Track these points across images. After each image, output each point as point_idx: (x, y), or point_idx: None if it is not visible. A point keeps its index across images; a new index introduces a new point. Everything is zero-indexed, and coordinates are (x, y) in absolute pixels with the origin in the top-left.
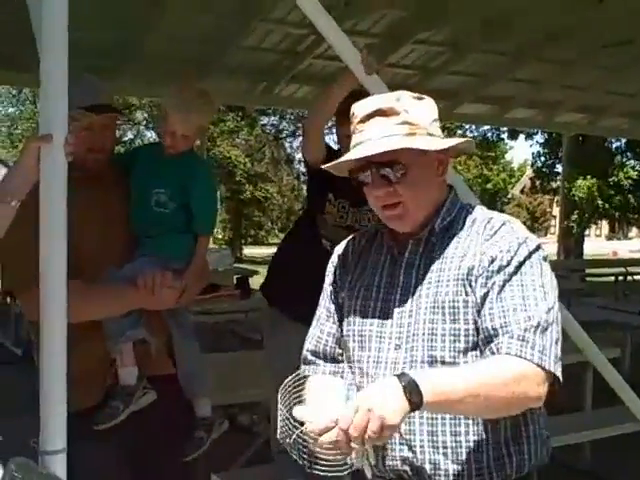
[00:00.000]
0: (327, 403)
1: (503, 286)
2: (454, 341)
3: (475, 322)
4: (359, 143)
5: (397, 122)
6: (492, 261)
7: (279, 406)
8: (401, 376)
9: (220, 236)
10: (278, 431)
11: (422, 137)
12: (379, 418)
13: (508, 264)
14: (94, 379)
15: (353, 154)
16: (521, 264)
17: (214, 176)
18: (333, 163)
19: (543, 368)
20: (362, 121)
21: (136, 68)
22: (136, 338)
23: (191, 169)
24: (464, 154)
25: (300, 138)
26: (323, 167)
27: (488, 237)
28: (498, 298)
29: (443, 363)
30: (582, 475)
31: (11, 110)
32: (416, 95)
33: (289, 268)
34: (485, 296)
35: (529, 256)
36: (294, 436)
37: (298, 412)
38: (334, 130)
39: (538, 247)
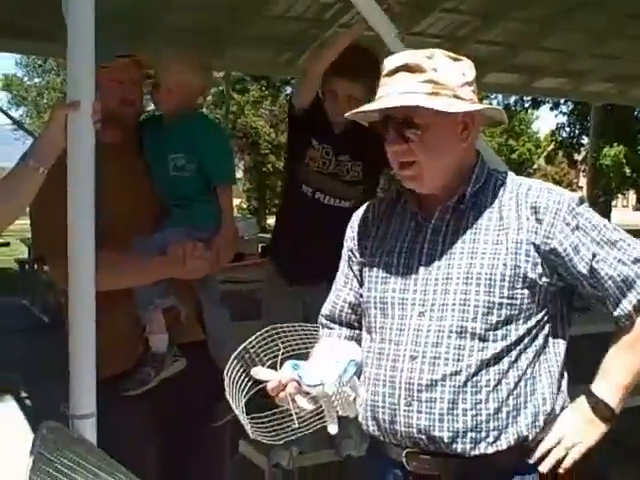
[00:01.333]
0: (320, 364)
1: (577, 247)
2: (487, 314)
3: (511, 297)
4: (380, 97)
5: (421, 80)
6: (551, 225)
7: (234, 405)
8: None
9: (245, 206)
10: (248, 431)
11: (445, 98)
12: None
13: (566, 222)
14: (125, 346)
15: (369, 106)
16: (577, 216)
17: (221, 128)
18: (353, 112)
19: None
20: (388, 75)
21: (159, 38)
22: (166, 306)
23: (194, 126)
24: (496, 124)
25: None
26: (346, 115)
27: (538, 208)
28: (580, 260)
29: (473, 335)
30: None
31: (37, 80)
32: (453, 56)
33: (278, 221)
34: (560, 262)
35: (579, 204)
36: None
37: (258, 372)
38: None
39: (582, 200)
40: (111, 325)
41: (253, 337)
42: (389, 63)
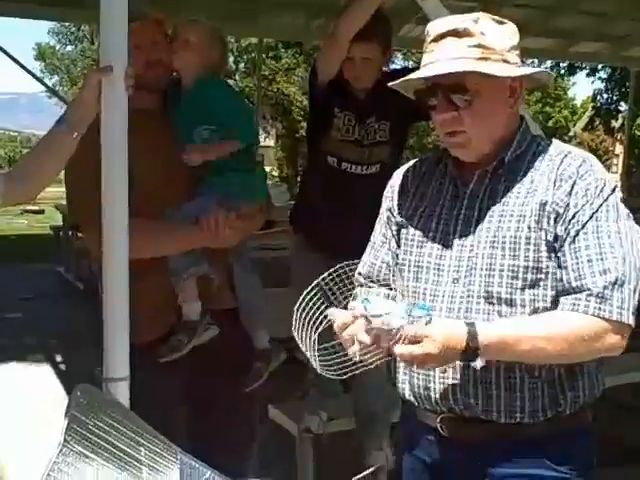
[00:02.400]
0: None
1: (577, 235)
2: (512, 278)
3: (536, 260)
4: (428, 63)
5: (470, 44)
6: (567, 204)
7: (301, 341)
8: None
9: (276, 173)
10: (317, 367)
11: (495, 63)
12: (429, 356)
13: (583, 209)
14: (159, 313)
15: (418, 74)
16: (596, 210)
17: (234, 91)
18: (399, 81)
19: (622, 322)
20: (434, 40)
21: (195, 5)
22: (199, 274)
23: (209, 94)
24: (541, 88)
25: None
26: (390, 84)
27: (564, 175)
28: (572, 248)
29: (499, 299)
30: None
31: (69, 48)
32: (497, 19)
33: (303, 192)
34: (559, 241)
35: (606, 200)
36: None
37: (333, 313)
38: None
39: (614, 189)
40: (144, 292)
41: (326, 273)
42: (434, 28)
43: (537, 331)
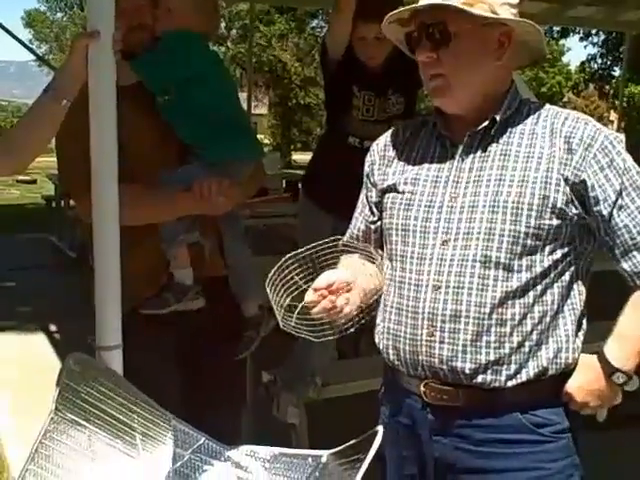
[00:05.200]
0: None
1: (619, 195)
2: (512, 243)
3: (537, 227)
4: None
5: None
6: (582, 158)
7: (272, 297)
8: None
9: (268, 141)
10: (279, 321)
11: (480, 9)
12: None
13: (597, 158)
14: (150, 277)
15: (399, 10)
16: (609, 154)
17: (196, 40)
18: (389, 16)
19: None
20: None
21: None
22: (190, 241)
23: (168, 43)
24: (536, 61)
25: None
26: (388, 15)
27: (572, 139)
28: (618, 206)
29: (497, 264)
30: None
31: (59, 15)
32: None
33: (322, 169)
34: (594, 206)
35: (615, 143)
36: (295, 315)
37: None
38: None
39: (619, 139)
40: (136, 260)
41: (321, 241)
42: None
43: None
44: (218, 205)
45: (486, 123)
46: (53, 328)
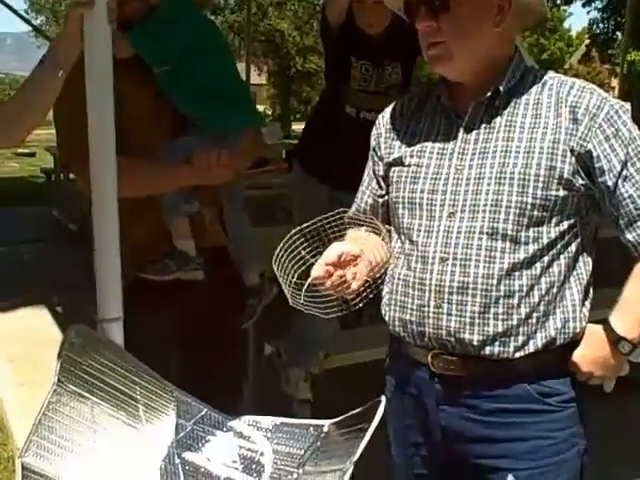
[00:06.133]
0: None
1: (624, 166)
2: (519, 215)
3: (544, 198)
4: None
5: None
6: (588, 128)
7: (280, 274)
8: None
9: (269, 112)
10: (289, 298)
11: None
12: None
13: (602, 128)
14: (152, 249)
15: None
16: (615, 124)
17: (195, 10)
18: None
19: None
20: None
21: None
22: (191, 212)
23: (169, 14)
24: (537, 24)
25: None
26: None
27: (577, 109)
28: (624, 176)
29: (504, 236)
30: None
31: None
32: None
33: (318, 138)
34: (600, 177)
35: (621, 112)
36: (304, 289)
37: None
38: None
39: (625, 108)
40: (138, 231)
41: (321, 216)
42: None
43: None
44: (218, 176)
45: (489, 94)
46: (55, 301)
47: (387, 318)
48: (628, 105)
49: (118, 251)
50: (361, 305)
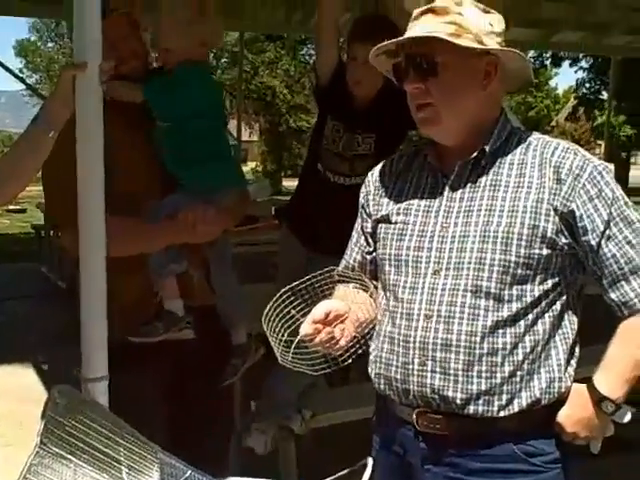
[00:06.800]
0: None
1: (607, 226)
2: (502, 273)
3: (527, 256)
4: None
5: (445, 21)
6: (579, 202)
7: (269, 332)
8: (594, 392)
9: (260, 168)
10: (278, 356)
11: (467, 40)
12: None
13: (586, 189)
14: (138, 311)
15: (388, 42)
16: (598, 184)
17: (205, 78)
18: (373, 51)
19: None
20: (414, 19)
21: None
22: (178, 271)
23: (185, 77)
24: (522, 86)
25: None
26: (376, 47)
27: (561, 170)
28: (607, 236)
29: (488, 294)
30: None
31: (50, 45)
32: (482, 7)
33: (297, 193)
34: (583, 236)
35: (604, 173)
36: (293, 347)
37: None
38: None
39: (607, 169)
40: (125, 291)
41: (310, 276)
42: (416, 10)
43: (637, 352)
44: (205, 234)
45: (475, 154)
46: (42, 359)
47: (373, 375)
48: (611, 166)
49: (105, 310)
50: (349, 361)
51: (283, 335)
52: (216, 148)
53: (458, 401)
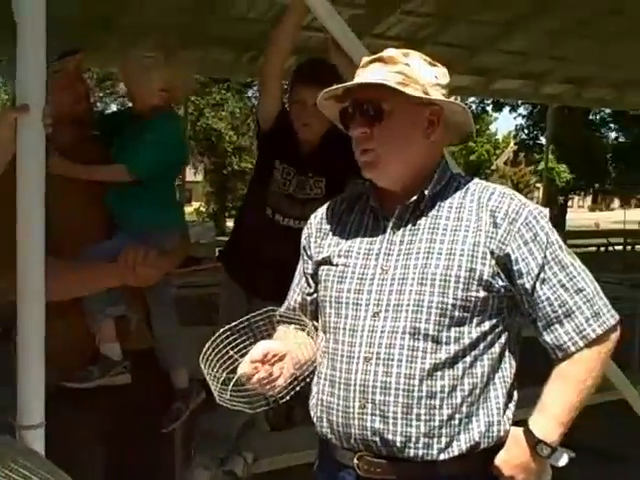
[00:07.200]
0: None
1: (541, 269)
2: (440, 315)
3: (464, 299)
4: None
5: (393, 70)
6: (507, 232)
7: (207, 371)
8: (529, 436)
9: (204, 209)
10: (215, 395)
11: (413, 90)
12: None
13: (521, 233)
14: (75, 355)
15: (337, 86)
16: (533, 229)
17: (175, 128)
18: (324, 91)
19: (617, 319)
20: (362, 66)
21: (117, 39)
22: (116, 315)
23: (154, 124)
24: (463, 140)
25: None
26: (324, 91)
27: (497, 214)
28: (542, 279)
29: (426, 336)
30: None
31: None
32: (429, 60)
33: (238, 236)
34: (518, 279)
35: (539, 217)
36: (230, 387)
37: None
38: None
39: (542, 213)
40: (61, 335)
41: (250, 315)
42: (364, 58)
43: (571, 395)
44: (145, 277)
45: (415, 197)
46: None
47: (315, 419)
48: (546, 210)
49: (43, 357)
50: (287, 398)
51: (221, 374)
52: (161, 191)
53: (398, 444)
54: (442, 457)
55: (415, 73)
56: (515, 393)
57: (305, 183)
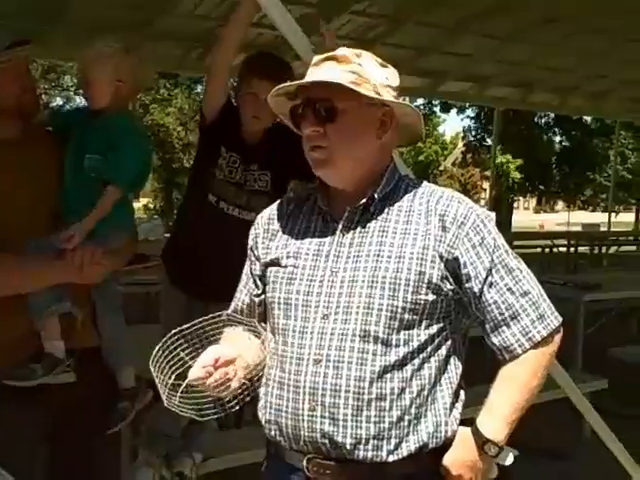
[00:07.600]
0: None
1: (489, 274)
2: (390, 318)
3: (414, 302)
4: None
5: (346, 69)
6: (455, 236)
7: (157, 375)
8: (477, 435)
9: (152, 206)
10: (164, 399)
11: (365, 90)
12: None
13: (469, 237)
14: (18, 352)
15: (291, 83)
16: (480, 232)
17: (144, 135)
18: (276, 88)
19: (560, 321)
20: (315, 64)
21: (63, 31)
22: (61, 312)
23: (117, 126)
24: (413, 141)
25: None
26: (277, 87)
27: (446, 218)
28: (489, 283)
29: (376, 339)
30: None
31: None
32: (380, 61)
33: (180, 232)
34: (466, 283)
35: (486, 221)
36: (179, 393)
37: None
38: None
39: (489, 217)
40: (3, 331)
41: (201, 319)
42: (318, 56)
43: (517, 395)
44: (92, 274)
45: (364, 200)
46: None
47: (263, 421)
48: (493, 214)
49: None
50: (237, 408)
51: (170, 378)
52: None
53: (348, 446)
54: (391, 458)
55: (367, 73)
56: (462, 393)
57: (250, 174)
